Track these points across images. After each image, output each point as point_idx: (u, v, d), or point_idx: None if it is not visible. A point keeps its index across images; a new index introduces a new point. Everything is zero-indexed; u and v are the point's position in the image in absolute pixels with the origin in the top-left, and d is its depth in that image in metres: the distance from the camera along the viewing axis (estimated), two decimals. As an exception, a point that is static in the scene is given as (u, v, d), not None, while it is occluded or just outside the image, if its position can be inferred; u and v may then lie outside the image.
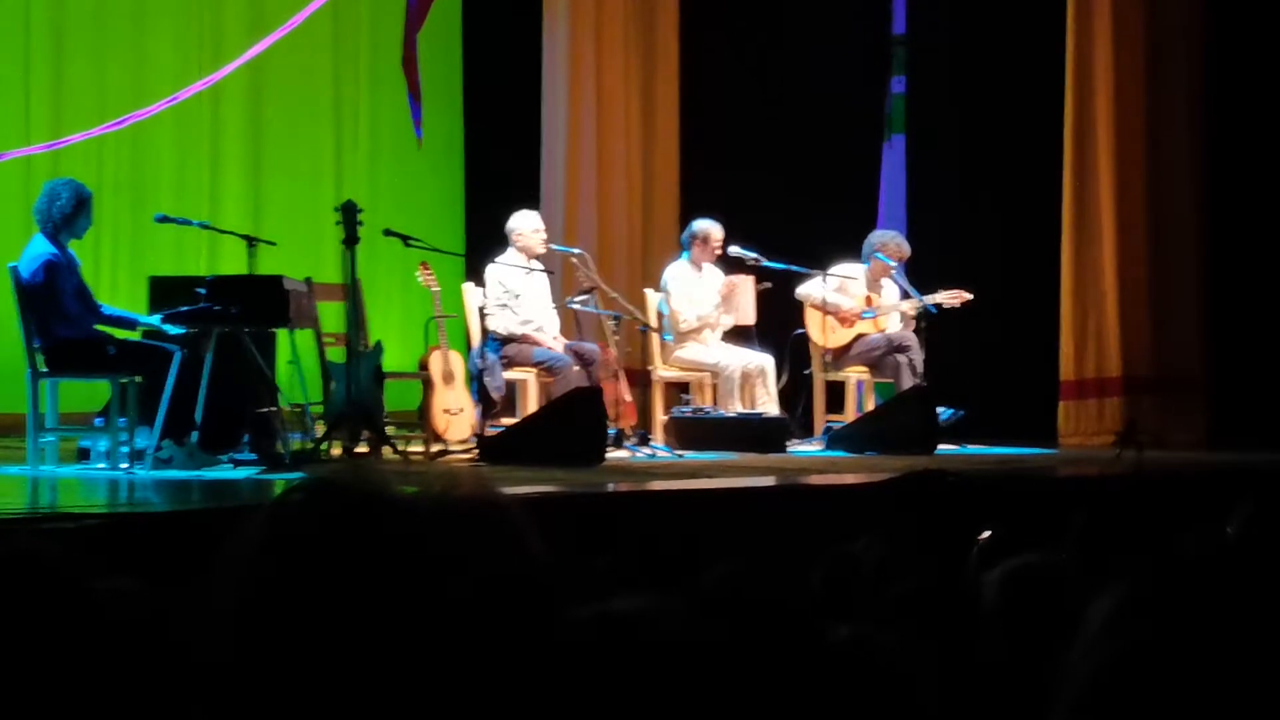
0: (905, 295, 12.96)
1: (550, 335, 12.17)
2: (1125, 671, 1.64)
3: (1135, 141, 13.42)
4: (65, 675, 2.16)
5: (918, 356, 12.72)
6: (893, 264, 12.90)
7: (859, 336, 12.96)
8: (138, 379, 9.82)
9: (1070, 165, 13.45)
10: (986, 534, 3.72)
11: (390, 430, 11.21)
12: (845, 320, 12.95)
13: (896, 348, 12.78)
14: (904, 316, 12.99)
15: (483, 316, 11.93)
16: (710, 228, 12.88)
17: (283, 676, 1.56)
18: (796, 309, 13.01)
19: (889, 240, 13.06)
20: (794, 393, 12.96)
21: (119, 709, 2.20)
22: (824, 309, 12.87)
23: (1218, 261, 13.45)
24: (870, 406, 12.97)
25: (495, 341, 11.88)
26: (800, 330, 13.01)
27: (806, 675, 1.85)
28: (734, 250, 12.81)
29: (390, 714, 1.56)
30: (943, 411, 12.42)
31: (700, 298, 12.84)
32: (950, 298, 12.75)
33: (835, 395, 13.09)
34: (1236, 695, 1.60)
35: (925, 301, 12.74)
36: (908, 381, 12.62)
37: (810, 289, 13.00)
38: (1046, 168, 13.51)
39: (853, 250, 13.08)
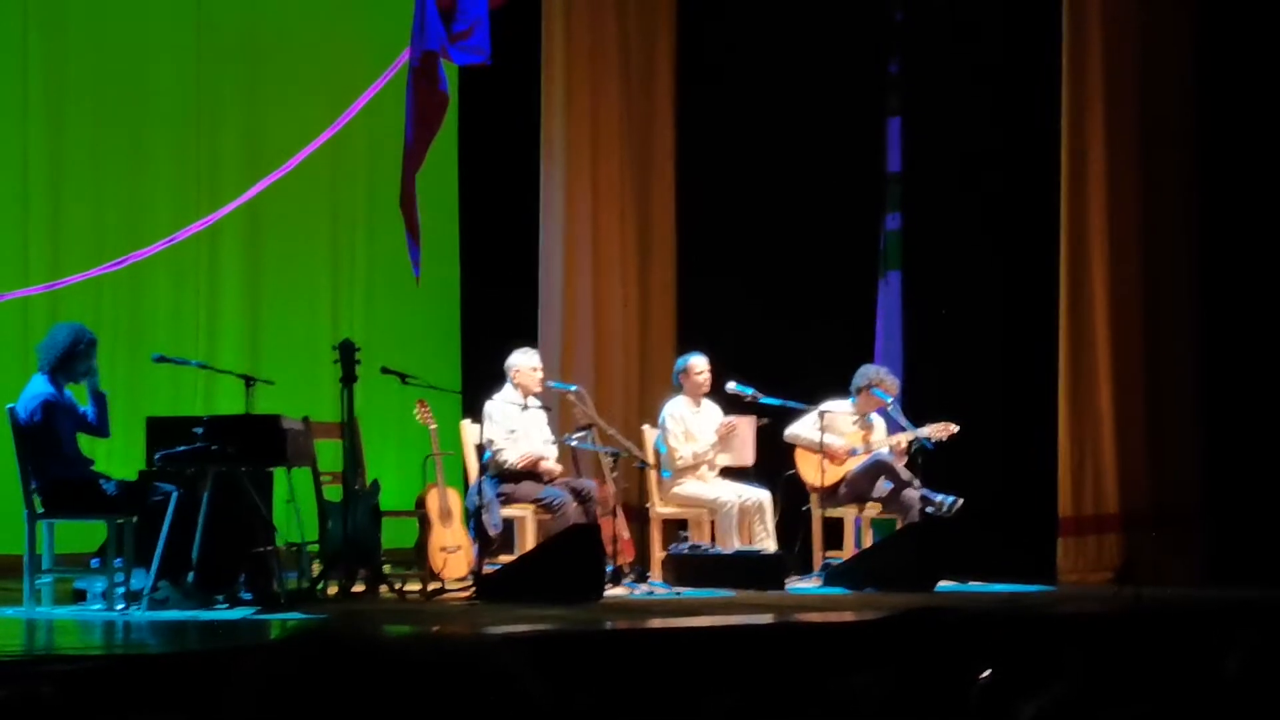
0: (897, 428, 12.97)
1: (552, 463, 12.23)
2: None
3: (1131, 279, 13.43)
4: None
5: (898, 465, 12.77)
6: (888, 399, 12.92)
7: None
8: (134, 519, 9.81)
9: (1066, 304, 13.45)
10: (987, 673, 3.71)
11: (387, 569, 11.18)
12: (835, 458, 12.92)
13: (875, 471, 12.82)
14: (895, 449, 12.98)
15: (493, 452, 11.89)
16: (692, 359, 12.93)
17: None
18: (790, 445, 13.00)
19: (881, 376, 13.06)
20: (792, 529, 12.93)
21: None
22: (813, 449, 12.86)
23: (1215, 396, 13.44)
24: (869, 543, 12.95)
25: (493, 479, 11.86)
26: (791, 471, 12.99)
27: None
28: (730, 387, 12.82)
29: None
30: (946, 498, 12.46)
31: (698, 434, 12.83)
32: (938, 430, 12.78)
33: (834, 531, 13.05)
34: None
35: (918, 434, 12.76)
36: (897, 482, 12.66)
37: (798, 429, 12.99)
38: (1042, 305, 13.53)
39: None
